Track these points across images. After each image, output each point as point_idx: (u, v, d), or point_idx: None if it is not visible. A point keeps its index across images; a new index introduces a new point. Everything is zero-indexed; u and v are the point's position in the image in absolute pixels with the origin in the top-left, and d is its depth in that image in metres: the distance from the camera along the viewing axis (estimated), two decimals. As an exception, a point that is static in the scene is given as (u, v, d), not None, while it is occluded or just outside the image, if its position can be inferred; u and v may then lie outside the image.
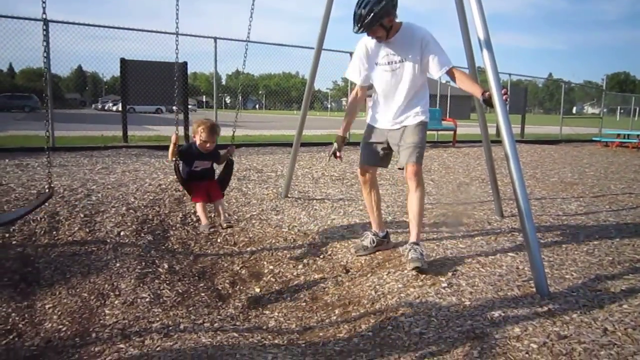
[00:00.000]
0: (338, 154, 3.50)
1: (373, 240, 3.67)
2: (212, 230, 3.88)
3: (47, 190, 3.08)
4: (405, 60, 3.28)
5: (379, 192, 3.70)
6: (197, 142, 3.63)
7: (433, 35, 3.26)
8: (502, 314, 2.57)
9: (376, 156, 3.54)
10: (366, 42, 3.39)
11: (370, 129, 3.58)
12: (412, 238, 3.32)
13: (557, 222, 4.65)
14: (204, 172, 3.77)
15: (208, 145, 3.62)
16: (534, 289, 2.86)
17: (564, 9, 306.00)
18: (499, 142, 3.49)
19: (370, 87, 3.60)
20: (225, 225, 3.77)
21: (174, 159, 3.59)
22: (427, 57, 3.22)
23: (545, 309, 2.63)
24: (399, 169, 3.42)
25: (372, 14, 3.08)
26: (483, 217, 4.73)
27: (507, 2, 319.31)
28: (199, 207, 3.77)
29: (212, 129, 3.61)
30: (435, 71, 3.21)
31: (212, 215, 4.25)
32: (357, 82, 3.52)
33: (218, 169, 4.03)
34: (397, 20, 3.27)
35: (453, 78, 3.26)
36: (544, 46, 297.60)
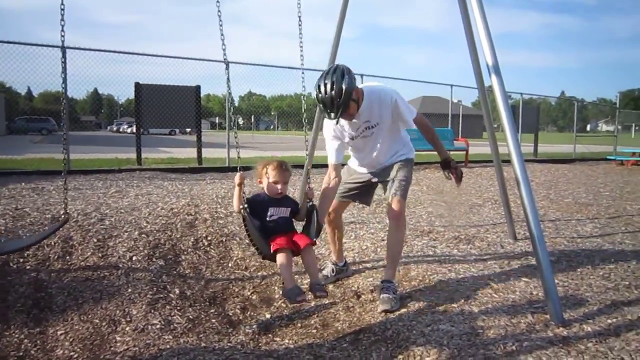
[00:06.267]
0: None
1: (333, 270, 3.75)
2: (304, 298, 2.75)
3: (62, 216, 3.08)
4: (379, 124, 3.27)
5: (342, 226, 3.81)
6: (265, 187, 2.97)
7: (396, 91, 3.29)
8: (516, 343, 2.52)
9: (353, 192, 3.59)
10: (331, 123, 3.22)
11: (351, 170, 3.63)
12: (387, 276, 3.29)
13: (572, 245, 4.58)
14: (283, 222, 2.96)
15: (279, 187, 2.92)
16: (548, 316, 2.82)
17: (575, 28, 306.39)
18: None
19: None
20: (317, 292, 2.79)
21: (241, 207, 2.83)
22: (398, 115, 3.28)
23: (560, 337, 2.58)
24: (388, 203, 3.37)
25: (342, 93, 2.93)
26: (496, 239, 4.68)
27: (518, 22, 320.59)
28: (281, 258, 2.79)
29: (281, 166, 2.97)
30: (410, 125, 3.35)
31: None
32: (332, 161, 3.31)
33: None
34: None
35: (420, 126, 3.41)
36: (556, 64, 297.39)
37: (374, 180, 3.51)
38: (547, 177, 10.49)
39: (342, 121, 3.19)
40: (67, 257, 3.92)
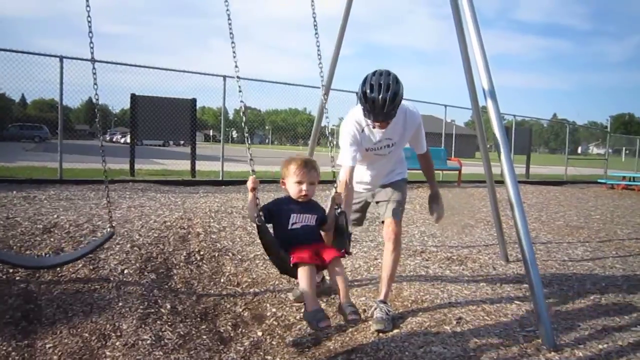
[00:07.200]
0: None
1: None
2: (328, 324, 2.35)
3: (108, 229, 3.08)
4: (397, 143, 3.31)
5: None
6: (289, 189, 2.64)
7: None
8: (508, 367, 2.53)
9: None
10: (355, 127, 3.15)
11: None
12: (381, 296, 3.30)
13: (563, 268, 4.61)
14: (307, 232, 2.57)
15: (303, 187, 2.57)
16: (540, 340, 2.82)
17: (568, 51, 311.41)
18: (503, 183, 3.51)
19: None
20: (349, 315, 2.37)
21: (256, 216, 2.43)
22: (416, 139, 3.38)
23: (552, 362, 2.58)
24: (382, 222, 3.42)
25: (396, 98, 2.86)
26: (488, 261, 4.70)
27: (512, 45, 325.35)
28: (302, 273, 2.37)
29: (306, 164, 2.61)
30: (421, 150, 3.48)
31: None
32: (350, 164, 3.11)
33: None
34: None
35: (426, 154, 3.55)
36: (548, 87, 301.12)
37: (369, 200, 3.53)
38: (539, 198, 10.57)
39: (367, 130, 3.15)
40: (58, 269, 3.87)
